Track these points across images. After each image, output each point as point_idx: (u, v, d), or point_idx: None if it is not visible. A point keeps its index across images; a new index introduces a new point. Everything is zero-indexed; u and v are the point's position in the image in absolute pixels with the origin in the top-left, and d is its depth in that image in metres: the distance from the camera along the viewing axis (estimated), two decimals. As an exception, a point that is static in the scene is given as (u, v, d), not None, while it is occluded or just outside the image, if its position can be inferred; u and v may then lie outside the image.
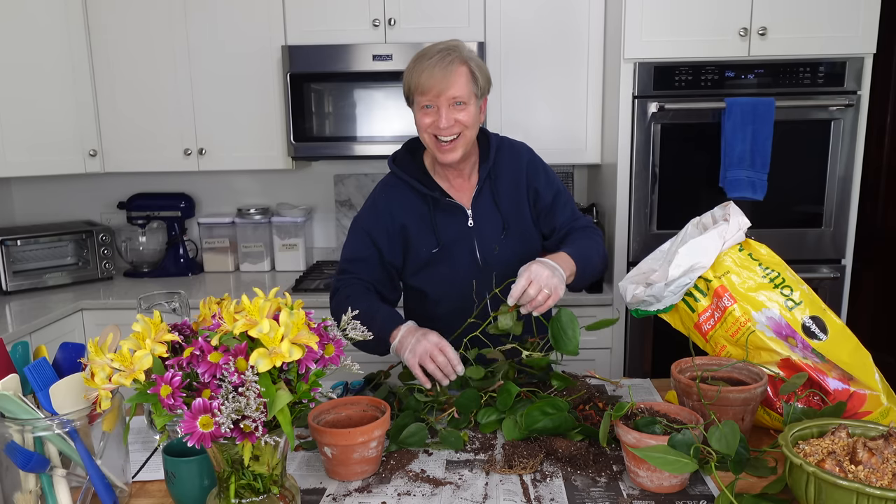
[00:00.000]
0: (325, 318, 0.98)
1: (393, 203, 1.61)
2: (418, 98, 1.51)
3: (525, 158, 1.66)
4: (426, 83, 1.47)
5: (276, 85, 2.70)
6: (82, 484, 1.04)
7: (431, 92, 1.47)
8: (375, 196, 1.65)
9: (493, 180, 1.63)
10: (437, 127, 1.49)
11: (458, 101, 1.48)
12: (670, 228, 2.45)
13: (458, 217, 1.61)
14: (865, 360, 1.30)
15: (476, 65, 1.51)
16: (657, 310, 1.43)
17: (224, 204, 3.16)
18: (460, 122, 1.50)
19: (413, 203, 1.61)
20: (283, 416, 0.87)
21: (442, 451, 1.27)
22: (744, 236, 1.40)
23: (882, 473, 0.93)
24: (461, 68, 1.48)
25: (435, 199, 1.59)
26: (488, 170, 1.61)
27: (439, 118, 1.48)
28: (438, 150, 1.53)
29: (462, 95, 1.48)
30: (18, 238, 2.70)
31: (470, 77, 1.49)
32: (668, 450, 1.04)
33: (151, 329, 0.90)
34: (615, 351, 2.56)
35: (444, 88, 1.46)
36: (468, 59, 1.50)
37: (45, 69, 2.61)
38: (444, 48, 1.49)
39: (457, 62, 1.47)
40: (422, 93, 1.49)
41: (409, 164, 1.63)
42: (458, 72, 1.47)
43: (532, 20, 2.61)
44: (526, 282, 1.37)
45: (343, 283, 1.60)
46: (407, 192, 1.61)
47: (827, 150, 2.41)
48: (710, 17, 2.35)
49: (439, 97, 1.47)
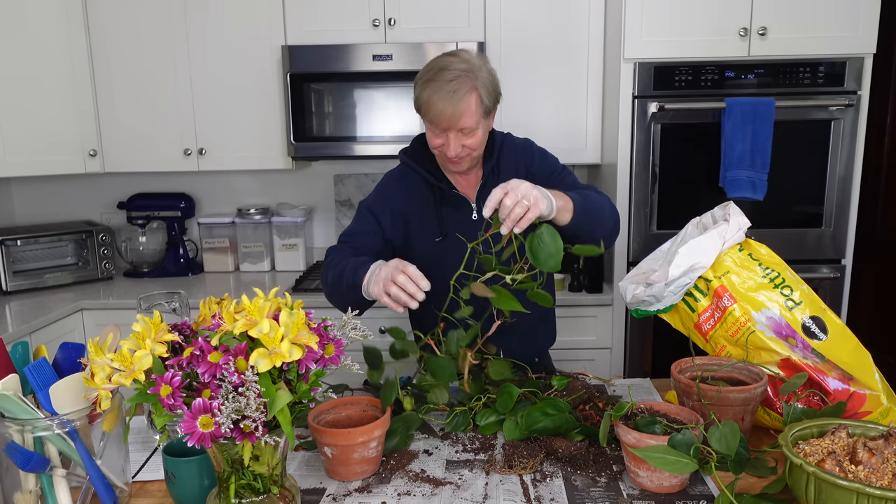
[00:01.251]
0: (325, 318, 0.98)
1: (401, 190, 1.65)
2: (426, 121, 1.52)
3: (521, 148, 1.69)
4: (436, 116, 1.47)
5: (276, 85, 2.70)
6: (82, 484, 1.04)
7: (439, 125, 1.49)
8: (384, 183, 1.70)
9: (497, 175, 1.64)
10: (445, 154, 1.53)
11: (466, 131, 1.50)
12: (670, 228, 2.45)
13: (463, 209, 1.63)
14: (865, 360, 1.30)
15: (486, 88, 1.49)
16: (657, 310, 1.43)
17: (224, 204, 3.16)
18: (467, 147, 1.53)
19: (420, 192, 1.64)
20: (283, 416, 0.87)
21: (442, 451, 1.27)
22: (744, 236, 1.40)
23: (882, 473, 0.93)
24: (470, 98, 1.46)
25: (442, 189, 1.62)
26: (492, 165, 1.63)
27: (447, 146, 1.51)
28: (446, 165, 1.59)
29: (470, 125, 1.49)
30: (18, 238, 2.70)
31: (478, 104, 1.49)
32: (669, 450, 1.04)
33: (151, 329, 0.90)
34: (615, 351, 2.56)
35: (452, 123, 1.48)
36: (479, 86, 1.48)
37: (45, 69, 2.61)
38: (454, 77, 1.46)
39: (467, 92, 1.46)
40: (430, 121, 1.50)
41: (420, 155, 1.66)
42: (467, 104, 1.46)
43: (532, 20, 2.60)
44: (501, 192, 1.25)
45: (334, 250, 1.62)
46: (415, 182, 1.65)
47: (827, 150, 2.41)
48: (710, 17, 2.35)
49: (448, 131, 1.50)
